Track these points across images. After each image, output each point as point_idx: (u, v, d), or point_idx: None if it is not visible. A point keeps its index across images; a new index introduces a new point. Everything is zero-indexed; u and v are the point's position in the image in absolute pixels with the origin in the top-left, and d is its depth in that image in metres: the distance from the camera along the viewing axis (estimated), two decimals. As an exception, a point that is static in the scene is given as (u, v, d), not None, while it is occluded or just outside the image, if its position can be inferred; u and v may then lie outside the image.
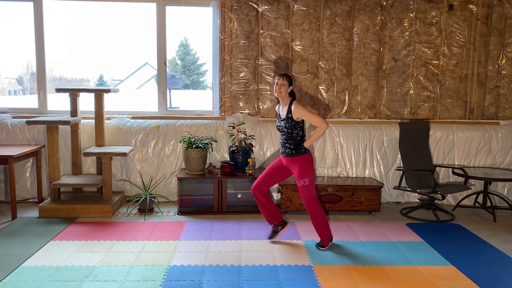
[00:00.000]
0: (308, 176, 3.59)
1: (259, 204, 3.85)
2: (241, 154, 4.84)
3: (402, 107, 5.30)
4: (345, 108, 5.27)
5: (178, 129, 5.11)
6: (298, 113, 3.57)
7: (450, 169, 5.06)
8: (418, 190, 4.62)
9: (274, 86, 3.64)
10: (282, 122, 3.66)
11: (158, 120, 5.18)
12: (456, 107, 5.33)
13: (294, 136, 3.62)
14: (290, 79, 3.64)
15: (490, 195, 4.95)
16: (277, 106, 3.86)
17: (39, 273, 3.17)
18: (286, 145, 3.66)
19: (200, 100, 7.67)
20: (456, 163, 5.22)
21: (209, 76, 5.85)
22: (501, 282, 3.14)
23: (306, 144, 3.66)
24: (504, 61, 5.25)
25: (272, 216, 3.89)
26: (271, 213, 3.88)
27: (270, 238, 3.90)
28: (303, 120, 3.64)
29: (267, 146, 5.14)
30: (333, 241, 3.88)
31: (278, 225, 3.91)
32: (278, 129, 3.73)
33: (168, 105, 5.45)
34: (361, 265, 3.39)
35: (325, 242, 3.71)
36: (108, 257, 3.46)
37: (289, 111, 3.60)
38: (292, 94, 3.68)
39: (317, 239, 3.89)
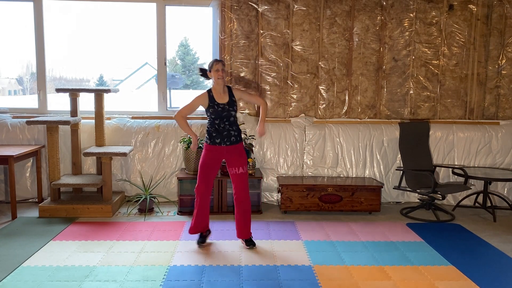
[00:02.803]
0: (247, 163, 3.64)
1: (202, 206, 3.67)
2: (241, 154, 4.84)
3: (402, 107, 5.30)
4: (345, 108, 5.27)
5: (178, 129, 5.11)
6: (239, 95, 3.66)
7: (450, 169, 5.06)
8: (418, 190, 4.62)
9: (215, 73, 3.56)
10: (227, 106, 3.57)
11: (158, 120, 5.18)
12: (456, 107, 5.33)
13: (236, 121, 3.66)
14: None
15: (490, 195, 4.95)
16: (203, 96, 3.62)
17: (39, 273, 3.17)
18: (231, 132, 3.58)
19: (200, 100, 7.64)
20: (456, 163, 5.22)
21: (209, 76, 5.83)
22: (501, 282, 3.14)
23: (260, 127, 3.70)
24: (504, 61, 5.25)
25: (206, 221, 3.75)
26: (206, 218, 3.73)
27: (201, 243, 3.75)
28: None
29: (267, 146, 5.14)
30: (333, 241, 3.88)
31: (207, 229, 3.83)
32: (223, 117, 3.56)
33: (168, 105, 5.45)
34: (361, 265, 3.39)
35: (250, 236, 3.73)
36: (108, 257, 3.46)
37: (231, 95, 3.61)
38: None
39: (317, 238, 3.89)
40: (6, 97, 8.72)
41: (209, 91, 3.64)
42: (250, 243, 3.70)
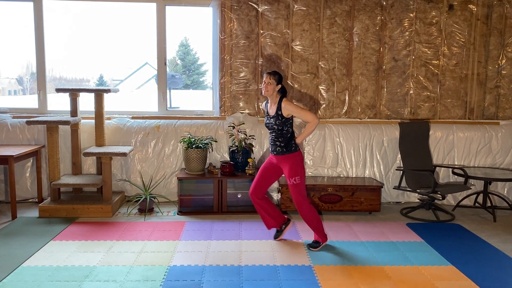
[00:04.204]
0: (299, 175, 3.58)
1: (260, 208, 3.80)
2: (241, 154, 4.84)
3: (402, 107, 5.30)
4: (345, 108, 5.27)
5: (178, 129, 5.11)
6: (288, 110, 3.55)
7: (450, 169, 5.06)
8: (418, 190, 4.62)
9: (262, 84, 3.63)
10: (272, 119, 3.61)
11: (158, 120, 5.18)
12: (456, 107, 5.33)
13: (285, 133, 3.60)
14: (278, 77, 3.60)
15: (490, 195, 4.95)
16: (263, 103, 3.84)
17: (39, 273, 3.17)
18: (277, 143, 3.63)
19: (200, 100, 7.67)
20: (456, 163, 5.22)
21: (209, 76, 5.84)
22: (501, 282, 3.14)
23: (298, 140, 3.66)
24: (504, 61, 5.25)
25: (275, 219, 3.86)
26: (273, 216, 3.84)
27: (275, 238, 3.91)
28: (292, 117, 3.62)
29: (267, 146, 5.14)
30: (333, 241, 3.88)
31: (282, 224, 3.92)
32: (267, 127, 3.68)
33: (168, 105, 5.45)
34: (361, 265, 3.39)
35: (322, 240, 3.70)
36: (108, 257, 3.46)
37: (279, 108, 3.57)
38: (282, 92, 3.63)
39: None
40: (6, 97, 8.71)
41: (267, 101, 3.73)
42: (309, 245, 3.75)
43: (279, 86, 3.60)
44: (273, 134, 3.64)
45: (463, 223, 4.50)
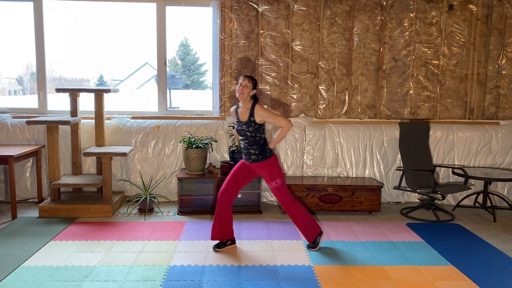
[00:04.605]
0: (279, 177, 3.53)
1: (221, 212, 3.57)
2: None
3: (402, 107, 5.30)
4: (345, 108, 5.27)
5: (178, 129, 5.11)
6: (261, 115, 3.43)
7: (450, 169, 5.06)
8: (418, 190, 4.62)
9: (237, 87, 3.48)
10: (244, 125, 3.48)
11: (158, 120, 5.18)
12: (456, 107, 5.33)
13: (258, 140, 3.49)
14: (254, 82, 3.50)
15: (490, 195, 4.95)
16: (232, 108, 3.66)
17: (39, 273, 3.17)
18: (251, 150, 3.50)
19: (200, 100, 7.67)
20: (456, 163, 5.22)
21: (209, 76, 5.85)
22: (501, 282, 3.14)
23: (271, 145, 3.57)
24: (504, 61, 5.25)
25: (224, 231, 3.62)
26: (224, 228, 3.61)
27: (215, 247, 3.65)
28: (264, 123, 3.53)
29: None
30: (333, 241, 3.88)
31: (228, 239, 3.69)
32: (239, 133, 3.54)
33: (168, 105, 5.45)
34: (361, 265, 3.39)
35: (314, 238, 3.66)
36: (108, 257, 3.46)
37: (252, 114, 3.44)
38: (254, 98, 3.52)
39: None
40: (6, 97, 8.72)
41: (238, 106, 3.58)
42: (308, 246, 3.70)
43: (254, 91, 3.50)
44: (246, 141, 3.51)
45: (463, 223, 4.50)
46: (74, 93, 4.83)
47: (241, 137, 3.56)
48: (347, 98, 5.26)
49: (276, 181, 3.52)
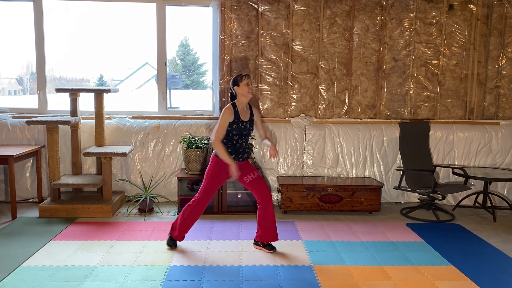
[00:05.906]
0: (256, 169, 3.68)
1: (193, 214, 3.55)
2: (241, 154, 4.84)
3: (402, 107, 5.30)
4: (345, 108, 5.27)
5: (178, 129, 5.11)
6: (255, 113, 3.61)
7: (450, 169, 5.06)
8: (418, 190, 4.62)
9: (246, 87, 3.44)
10: (248, 123, 3.53)
11: (158, 120, 5.18)
12: (456, 107, 5.33)
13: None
14: None
15: (490, 195, 4.95)
16: (229, 111, 3.45)
17: (39, 273, 3.17)
18: (246, 149, 3.62)
19: (200, 100, 7.68)
20: (456, 163, 5.22)
21: (209, 76, 5.85)
22: (501, 282, 3.14)
23: (273, 149, 3.58)
24: (504, 61, 5.25)
25: (185, 232, 3.64)
26: (188, 228, 3.61)
27: (172, 246, 3.67)
28: None
29: (267, 146, 5.14)
30: (333, 241, 3.88)
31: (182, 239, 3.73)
32: (240, 133, 3.49)
33: (168, 105, 5.46)
34: (361, 265, 3.39)
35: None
36: (108, 257, 3.46)
37: (251, 113, 3.58)
38: (233, 97, 3.55)
39: (317, 238, 3.89)
40: (6, 97, 8.72)
41: (234, 105, 3.49)
42: (273, 247, 3.68)
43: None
44: (244, 140, 3.58)
45: (463, 223, 4.50)
46: (74, 93, 4.83)
47: (239, 137, 3.52)
48: (347, 98, 5.26)
49: (256, 171, 3.61)
